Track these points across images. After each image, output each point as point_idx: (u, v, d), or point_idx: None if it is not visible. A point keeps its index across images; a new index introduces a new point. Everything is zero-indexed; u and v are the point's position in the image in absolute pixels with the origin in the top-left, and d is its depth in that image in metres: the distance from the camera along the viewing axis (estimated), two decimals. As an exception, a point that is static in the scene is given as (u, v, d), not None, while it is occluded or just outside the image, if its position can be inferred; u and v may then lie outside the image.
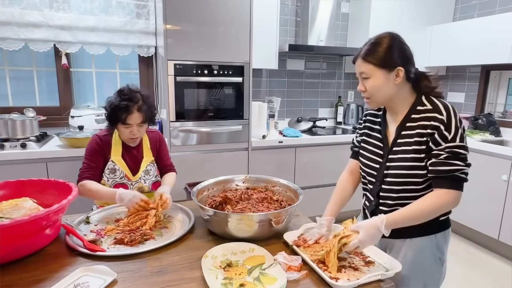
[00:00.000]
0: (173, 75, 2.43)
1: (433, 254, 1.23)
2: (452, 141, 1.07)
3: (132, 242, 1.22)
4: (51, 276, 1.02)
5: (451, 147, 1.07)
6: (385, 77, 1.12)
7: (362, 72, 1.14)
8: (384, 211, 1.22)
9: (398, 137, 1.18)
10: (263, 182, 1.58)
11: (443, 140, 1.07)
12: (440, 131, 1.08)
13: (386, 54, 1.11)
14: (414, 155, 1.13)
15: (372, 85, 1.14)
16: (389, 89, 1.14)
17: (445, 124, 1.07)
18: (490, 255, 2.85)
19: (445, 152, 1.07)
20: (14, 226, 1.00)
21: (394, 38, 1.14)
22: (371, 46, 1.13)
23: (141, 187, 1.69)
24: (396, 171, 1.17)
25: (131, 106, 1.56)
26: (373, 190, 1.27)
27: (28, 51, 2.66)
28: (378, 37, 1.14)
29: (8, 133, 2.30)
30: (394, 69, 1.11)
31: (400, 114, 1.19)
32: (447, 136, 1.07)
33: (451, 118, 1.08)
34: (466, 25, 3.27)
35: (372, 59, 1.11)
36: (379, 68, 1.11)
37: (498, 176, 2.68)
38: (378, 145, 1.25)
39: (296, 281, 1.00)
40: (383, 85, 1.13)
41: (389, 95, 1.15)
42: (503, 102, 3.47)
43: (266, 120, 2.98)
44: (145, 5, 2.87)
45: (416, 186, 1.16)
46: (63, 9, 2.64)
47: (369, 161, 1.27)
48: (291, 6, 3.44)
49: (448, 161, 1.07)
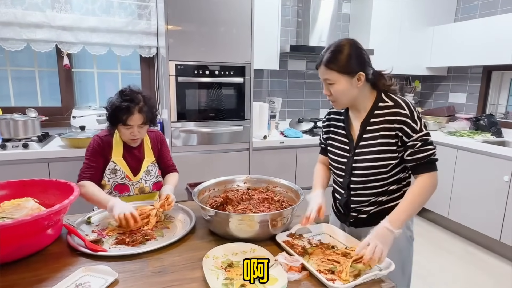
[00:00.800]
0: (175, 75, 2.43)
1: (405, 234, 1.33)
2: (420, 131, 1.20)
3: (133, 242, 1.22)
4: (52, 276, 1.02)
5: (421, 135, 1.19)
6: (348, 82, 1.21)
7: (327, 78, 1.22)
8: (356, 201, 1.35)
9: (364, 132, 1.28)
10: (264, 183, 1.58)
11: (413, 132, 1.19)
12: (408, 124, 1.19)
13: (347, 61, 1.19)
14: (380, 148, 1.25)
15: (336, 90, 1.22)
16: (352, 92, 1.23)
17: (410, 117, 1.20)
18: (492, 256, 2.84)
19: (418, 141, 1.19)
20: (16, 226, 1.01)
21: (353, 44, 1.21)
22: (332, 54, 1.20)
23: (142, 188, 1.69)
24: (364, 163, 1.28)
25: (132, 107, 1.55)
26: (343, 182, 1.37)
27: (30, 51, 2.67)
28: (338, 44, 1.21)
29: (10, 133, 2.31)
30: (355, 74, 1.20)
31: (363, 111, 1.29)
32: (415, 127, 1.19)
33: (413, 111, 1.21)
34: (468, 26, 3.27)
35: (335, 67, 1.19)
36: (342, 75, 1.19)
37: (500, 177, 2.68)
38: (344, 141, 1.36)
39: (297, 281, 1.00)
40: (346, 89, 1.22)
41: (353, 97, 1.25)
42: (505, 103, 3.46)
43: (267, 120, 2.98)
44: (147, 6, 2.88)
45: (384, 175, 1.28)
46: (65, 9, 2.65)
47: (337, 156, 1.38)
48: (292, 7, 3.44)
49: (423, 148, 1.20)
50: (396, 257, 1.29)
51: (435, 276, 2.55)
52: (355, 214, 1.37)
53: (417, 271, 2.58)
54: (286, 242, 1.22)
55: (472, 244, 3.03)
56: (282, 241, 1.22)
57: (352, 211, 1.38)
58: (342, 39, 1.23)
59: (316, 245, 1.23)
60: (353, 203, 1.36)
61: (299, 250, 1.17)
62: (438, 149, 1.24)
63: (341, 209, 1.43)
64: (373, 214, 1.33)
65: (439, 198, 3.22)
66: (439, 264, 2.71)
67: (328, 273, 1.04)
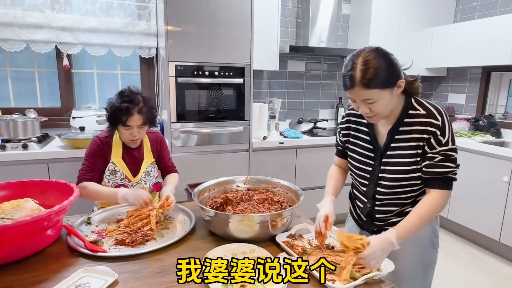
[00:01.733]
0: (174, 76, 2.43)
1: (430, 240, 1.29)
2: (446, 144, 1.11)
3: (133, 243, 1.22)
4: (52, 276, 1.02)
5: (444, 150, 1.11)
6: (390, 94, 1.10)
7: (368, 99, 1.08)
8: (381, 211, 1.27)
9: (392, 141, 1.19)
10: (264, 183, 1.58)
11: (438, 144, 1.11)
12: (435, 136, 1.11)
13: (386, 74, 1.06)
14: (411, 159, 1.16)
15: (379, 106, 1.10)
16: (394, 102, 1.14)
17: (440, 129, 1.11)
18: (491, 256, 2.84)
19: (439, 155, 1.12)
20: (16, 227, 1.01)
21: (385, 54, 1.08)
22: (367, 72, 1.04)
23: (141, 189, 1.69)
24: (393, 175, 1.19)
25: (131, 108, 1.56)
26: (368, 192, 1.29)
27: (29, 52, 2.67)
28: (368, 59, 1.05)
29: (10, 134, 2.31)
30: (396, 84, 1.09)
31: (391, 117, 1.19)
32: (441, 140, 1.11)
33: (445, 123, 1.12)
34: (467, 27, 3.28)
35: (376, 85, 1.05)
36: (384, 90, 1.07)
37: (499, 177, 2.68)
38: (368, 147, 1.26)
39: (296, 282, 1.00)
40: (390, 101, 1.11)
41: (393, 106, 1.15)
42: (504, 104, 3.47)
43: (267, 121, 2.99)
44: (147, 7, 2.88)
45: (414, 187, 1.20)
46: (65, 10, 2.65)
47: (360, 163, 1.29)
48: (292, 8, 3.45)
49: (441, 163, 1.12)
50: (419, 261, 1.29)
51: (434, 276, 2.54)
52: (381, 224, 1.29)
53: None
54: (286, 242, 1.22)
55: (471, 245, 3.03)
56: (282, 242, 1.22)
57: (377, 220, 1.30)
58: (365, 51, 1.07)
59: (316, 246, 1.23)
60: (378, 213, 1.28)
61: (299, 251, 1.17)
62: None
63: (363, 217, 1.35)
64: None
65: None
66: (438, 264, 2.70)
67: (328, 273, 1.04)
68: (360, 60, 1.05)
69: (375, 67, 1.04)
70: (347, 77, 1.08)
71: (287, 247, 1.18)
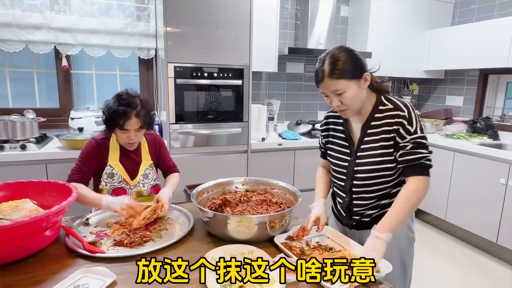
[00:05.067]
0: (173, 77, 2.44)
1: (406, 235, 1.35)
2: (415, 133, 1.19)
3: (131, 244, 1.22)
4: (51, 277, 1.02)
5: (414, 138, 1.19)
6: (358, 86, 1.20)
7: (337, 89, 1.19)
8: (358, 205, 1.35)
9: (365, 135, 1.28)
10: (263, 185, 1.58)
11: (407, 133, 1.20)
12: (403, 125, 1.20)
13: (352, 65, 1.17)
14: (382, 151, 1.25)
15: (348, 97, 1.20)
16: (362, 94, 1.23)
17: (407, 119, 1.20)
18: (489, 258, 2.85)
19: (410, 143, 1.20)
20: (15, 227, 1.01)
21: (346, 50, 1.20)
22: (333, 64, 1.17)
23: (140, 191, 1.69)
24: (366, 167, 1.28)
25: (129, 111, 1.54)
26: (345, 186, 1.37)
27: (28, 52, 2.67)
28: (333, 54, 1.18)
29: (8, 134, 2.30)
30: (362, 75, 1.20)
31: (363, 114, 1.29)
32: (410, 129, 1.20)
33: (411, 113, 1.21)
34: (465, 29, 3.30)
35: (342, 75, 1.16)
36: (350, 80, 1.18)
37: (496, 179, 2.69)
38: (344, 144, 1.35)
39: (295, 283, 1.01)
40: (358, 93, 1.21)
41: (363, 99, 1.25)
42: (501, 106, 3.49)
43: (265, 122, 2.99)
44: (146, 8, 2.88)
45: (386, 178, 1.28)
46: (64, 11, 2.65)
47: (338, 160, 1.37)
48: (291, 10, 3.46)
49: (413, 151, 1.20)
50: (397, 258, 1.31)
51: (432, 278, 2.55)
52: (358, 218, 1.37)
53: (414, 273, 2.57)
54: (284, 244, 1.23)
55: (469, 246, 3.04)
56: (280, 243, 1.22)
57: (355, 214, 1.38)
58: (332, 50, 1.21)
59: (314, 247, 1.24)
60: (355, 207, 1.36)
61: (297, 252, 1.18)
62: (435, 151, 1.24)
63: (343, 212, 1.43)
64: (376, 217, 1.32)
65: (436, 201, 3.23)
66: (436, 266, 2.72)
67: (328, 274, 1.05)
68: (328, 56, 1.19)
69: (340, 59, 1.17)
70: (318, 71, 1.20)
71: (285, 248, 1.19)
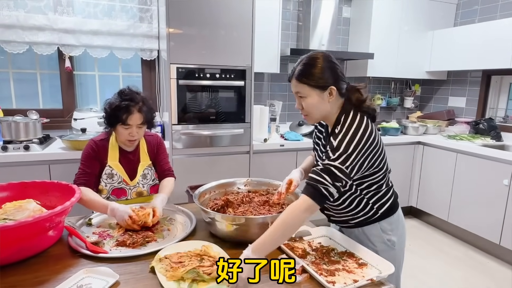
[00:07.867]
0: (176, 78, 2.45)
1: (381, 237, 1.32)
2: (333, 160, 1.10)
3: (134, 244, 1.23)
4: (54, 277, 1.03)
5: (329, 164, 1.10)
6: (320, 97, 1.17)
7: (298, 91, 1.19)
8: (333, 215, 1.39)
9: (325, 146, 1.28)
10: (265, 186, 1.59)
11: (327, 158, 1.12)
12: (332, 146, 1.13)
13: (319, 75, 1.15)
14: None
15: (308, 103, 1.18)
16: (324, 106, 1.19)
17: (334, 148, 1.12)
18: (491, 259, 2.84)
19: (323, 165, 1.12)
20: (18, 228, 1.01)
21: (326, 58, 1.17)
22: (305, 67, 1.16)
23: (139, 191, 1.69)
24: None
25: (132, 106, 1.55)
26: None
27: (32, 54, 2.68)
28: (311, 57, 1.17)
29: (12, 135, 2.31)
30: (327, 88, 1.16)
31: (331, 121, 1.25)
32: (330, 155, 1.12)
33: (342, 144, 1.11)
34: (467, 30, 3.29)
35: (306, 80, 1.15)
36: (313, 88, 1.16)
37: (499, 180, 2.68)
38: (320, 155, 1.37)
39: (297, 284, 1.01)
40: (318, 103, 1.18)
41: (324, 112, 1.21)
42: (504, 107, 3.47)
43: (267, 123, 2.99)
44: (148, 9, 2.89)
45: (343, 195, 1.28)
46: (67, 12, 2.66)
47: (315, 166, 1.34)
48: (293, 11, 3.46)
49: (319, 172, 1.11)
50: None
51: (434, 280, 2.54)
52: (341, 225, 1.41)
53: (417, 274, 2.58)
54: (286, 244, 1.23)
55: (472, 248, 3.03)
56: (282, 244, 1.22)
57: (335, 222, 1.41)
58: (315, 52, 1.19)
59: (316, 248, 1.24)
60: (332, 217, 1.40)
61: (299, 253, 1.18)
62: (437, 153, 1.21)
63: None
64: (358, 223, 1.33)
65: (439, 202, 3.22)
66: (439, 268, 2.71)
67: (328, 275, 1.05)
68: (305, 58, 1.18)
69: (311, 64, 1.15)
70: (292, 69, 1.20)
71: (287, 249, 1.19)
